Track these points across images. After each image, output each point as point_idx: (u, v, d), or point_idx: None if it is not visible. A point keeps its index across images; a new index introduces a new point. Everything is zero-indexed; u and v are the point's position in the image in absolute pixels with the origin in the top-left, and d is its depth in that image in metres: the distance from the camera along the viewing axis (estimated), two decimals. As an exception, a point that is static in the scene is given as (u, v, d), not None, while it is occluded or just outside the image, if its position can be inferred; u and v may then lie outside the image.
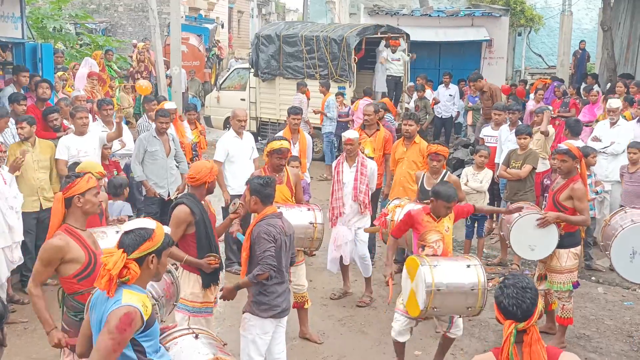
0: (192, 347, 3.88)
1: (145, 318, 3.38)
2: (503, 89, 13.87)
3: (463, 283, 5.37)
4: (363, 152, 8.22)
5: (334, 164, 7.86)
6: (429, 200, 6.93)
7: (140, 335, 3.41)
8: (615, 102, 9.85)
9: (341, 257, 7.68)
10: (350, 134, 7.72)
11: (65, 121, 8.94)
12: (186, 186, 5.72)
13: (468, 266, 5.45)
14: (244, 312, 5.28)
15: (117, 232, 5.90)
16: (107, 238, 5.86)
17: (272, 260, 4.98)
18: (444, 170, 7.11)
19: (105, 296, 3.41)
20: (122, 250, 3.45)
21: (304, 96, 14.34)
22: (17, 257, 7.23)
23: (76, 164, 7.01)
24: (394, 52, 15.04)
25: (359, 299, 7.88)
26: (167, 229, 3.75)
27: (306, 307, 6.74)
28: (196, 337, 3.97)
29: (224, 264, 6.39)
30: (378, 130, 8.89)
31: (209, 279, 5.46)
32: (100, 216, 6.34)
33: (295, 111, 9.05)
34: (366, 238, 7.77)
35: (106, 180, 8.36)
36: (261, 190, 5.15)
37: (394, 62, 15.13)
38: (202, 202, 5.53)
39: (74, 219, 4.35)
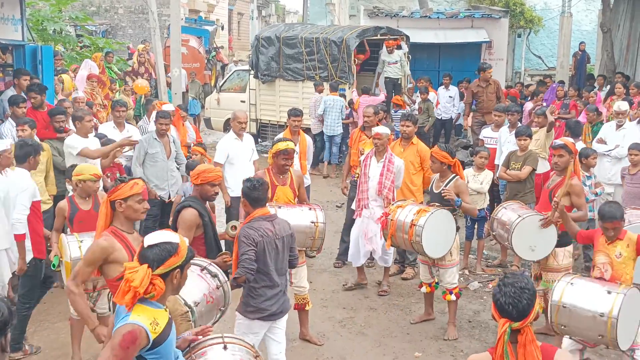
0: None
1: (152, 337, 3.28)
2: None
3: (589, 308, 5.05)
4: (362, 153, 8.25)
5: (362, 158, 8.06)
6: (433, 203, 6.98)
7: (148, 353, 3.33)
8: (623, 105, 9.81)
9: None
10: (379, 129, 7.91)
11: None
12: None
13: (609, 292, 5.08)
14: (236, 311, 5.33)
15: None
16: None
17: (249, 264, 4.94)
18: (452, 175, 7.02)
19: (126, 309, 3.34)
20: (147, 265, 3.31)
21: (320, 96, 14.50)
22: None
23: (73, 166, 7.00)
24: (390, 52, 15.06)
25: (379, 290, 8.11)
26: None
27: (307, 308, 6.75)
28: (225, 347, 3.83)
29: None
30: (379, 132, 8.90)
31: None
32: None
33: (295, 113, 9.05)
34: None
35: (109, 180, 8.39)
36: (249, 193, 5.16)
37: (391, 66, 15.19)
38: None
39: (120, 222, 4.38)
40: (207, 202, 5.65)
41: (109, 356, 3.24)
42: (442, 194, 6.80)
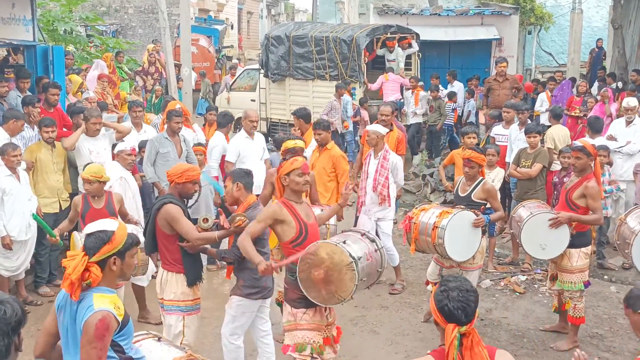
0: (159, 348, 3.88)
1: (120, 318, 3.41)
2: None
3: None
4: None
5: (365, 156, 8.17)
6: (459, 206, 6.86)
7: (117, 336, 3.45)
8: (633, 101, 9.75)
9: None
10: (370, 127, 8.06)
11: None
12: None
13: None
14: (231, 295, 5.54)
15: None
16: None
17: (237, 250, 5.20)
18: (480, 178, 6.89)
19: (72, 299, 3.43)
20: (84, 253, 3.45)
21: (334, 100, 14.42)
22: None
23: (87, 165, 7.04)
24: (391, 52, 15.06)
25: (391, 287, 8.16)
26: (134, 229, 3.69)
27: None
28: (158, 339, 3.96)
29: (204, 262, 6.65)
30: (392, 130, 8.82)
31: (193, 277, 5.49)
32: (112, 215, 6.37)
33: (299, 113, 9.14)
34: (389, 230, 7.95)
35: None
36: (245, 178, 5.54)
37: (390, 63, 15.20)
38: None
39: (288, 194, 5.12)
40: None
41: (89, 351, 3.32)
42: (474, 225, 6.54)
